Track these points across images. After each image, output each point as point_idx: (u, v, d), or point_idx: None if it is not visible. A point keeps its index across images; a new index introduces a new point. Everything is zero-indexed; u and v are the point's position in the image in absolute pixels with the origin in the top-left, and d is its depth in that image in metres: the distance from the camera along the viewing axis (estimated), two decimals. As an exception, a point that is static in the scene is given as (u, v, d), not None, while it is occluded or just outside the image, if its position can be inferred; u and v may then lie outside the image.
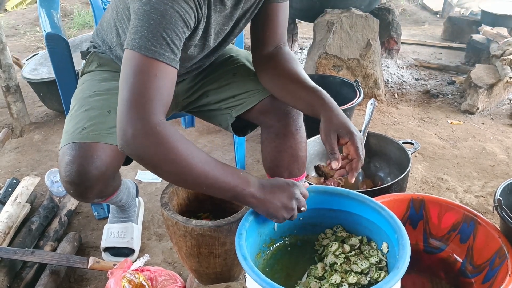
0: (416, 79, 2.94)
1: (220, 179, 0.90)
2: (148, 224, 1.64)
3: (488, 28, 3.09)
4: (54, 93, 2.27)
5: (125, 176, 1.89)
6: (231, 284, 1.17)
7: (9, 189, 1.68)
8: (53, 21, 1.42)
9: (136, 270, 1.17)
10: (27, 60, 2.50)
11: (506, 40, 2.76)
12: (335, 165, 1.01)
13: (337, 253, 1.00)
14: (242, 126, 1.29)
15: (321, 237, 1.07)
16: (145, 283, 1.16)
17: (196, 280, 1.27)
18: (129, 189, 1.48)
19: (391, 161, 1.74)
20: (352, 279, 0.93)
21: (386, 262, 0.98)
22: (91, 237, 1.59)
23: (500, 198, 1.19)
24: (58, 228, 1.57)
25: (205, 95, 1.27)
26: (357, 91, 2.03)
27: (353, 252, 1.01)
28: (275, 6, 1.14)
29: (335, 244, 1.02)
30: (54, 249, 1.46)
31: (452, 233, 1.26)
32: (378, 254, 0.99)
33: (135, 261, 1.19)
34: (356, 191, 1.06)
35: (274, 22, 1.16)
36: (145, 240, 1.58)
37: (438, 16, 4.42)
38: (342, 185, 1.66)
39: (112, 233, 1.48)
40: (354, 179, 1.04)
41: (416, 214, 1.28)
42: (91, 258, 1.36)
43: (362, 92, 2.01)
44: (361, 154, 1.02)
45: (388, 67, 3.00)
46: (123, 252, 1.48)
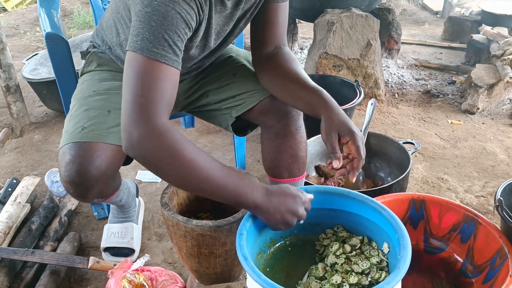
0: (417, 79, 2.94)
1: (224, 185, 0.90)
2: (148, 224, 1.64)
3: (489, 28, 3.09)
4: (54, 93, 2.27)
5: (125, 176, 1.89)
6: (232, 284, 1.17)
7: (9, 189, 1.68)
8: (53, 21, 1.41)
9: (136, 270, 1.17)
10: (27, 60, 2.50)
11: (506, 40, 2.76)
12: (336, 164, 1.01)
13: (338, 253, 1.00)
14: (242, 126, 1.29)
15: (322, 237, 1.07)
16: (145, 283, 1.16)
17: (197, 280, 1.26)
18: (129, 189, 1.48)
19: (391, 161, 1.74)
20: (353, 279, 0.93)
21: (387, 262, 0.98)
22: (91, 237, 1.59)
23: (501, 198, 1.19)
24: (58, 228, 1.57)
25: (205, 95, 1.27)
26: (358, 91, 2.03)
27: (354, 252, 1.01)
28: (275, 6, 1.13)
29: (336, 244, 1.02)
30: (54, 249, 1.46)
31: (452, 233, 1.25)
32: (379, 255, 0.99)
33: (135, 261, 1.18)
34: (356, 191, 1.06)
35: (274, 22, 1.16)
36: (145, 240, 1.57)
37: (438, 16, 4.41)
38: (343, 185, 1.66)
39: (112, 233, 1.48)
40: (355, 179, 1.04)
41: (417, 214, 1.28)
42: (91, 258, 1.36)
43: (362, 92, 2.01)
44: (362, 153, 1.01)
45: (389, 67, 3.00)
46: (123, 252, 1.48)
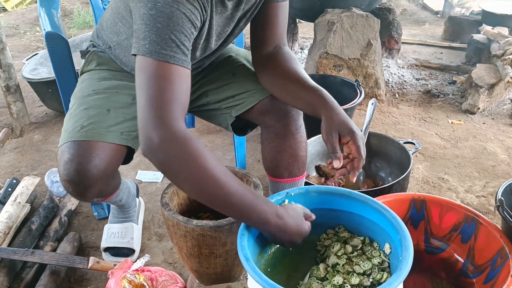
0: (417, 79, 2.93)
1: (238, 202, 0.88)
2: (149, 224, 1.64)
3: (489, 28, 3.09)
4: (54, 93, 2.27)
5: (125, 176, 1.89)
6: (232, 285, 1.16)
7: (9, 189, 1.68)
8: (53, 20, 1.41)
9: (137, 270, 1.17)
10: (27, 60, 2.49)
11: (507, 40, 2.76)
12: (336, 164, 1.00)
13: (339, 254, 1.00)
14: (242, 126, 1.29)
15: (323, 238, 1.07)
16: (145, 284, 1.15)
17: (197, 281, 1.26)
18: (129, 189, 1.48)
19: (392, 161, 1.74)
20: (355, 280, 0.93)
21: (388, 263, 0.97)
22: (91, 237, 1.59)
23: (502, 198, 1.19)
24: (58, 228, 1.56)
25: (205, 95, 1.27)
26: (358, 91, 2.02)
27: (355, 253, 1.00)
28: (275, 6, 1.13)
29: (337, 244, 1.02)
30: (54, 249, 1.46)
31: (453, 233, 1.25)
32: (380, 255, 0.98)
33: (136, 261, 1.18)
34: (357, 191, 1.05)
35: (274, 22, 1.16)
36: (145, 240, 1.57)
37: (439, 16, 4.41)
38: (343, 185, 1.66)
39: (112, 233, 1.48)
40: (355, 179, 1.03)
41: (417, 214, 1.28)
42: (91, 258, 1.35)
43: (362, 92, 2.01)
44: (362, 153, 1.01)
45: (389, 67, 3.00)
46: (123, 252, 1.48)
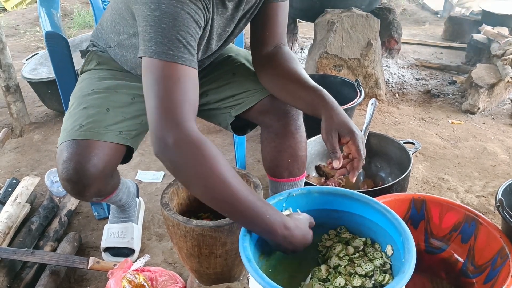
0: (417, 79, 2.93)
1: (246, 211, 0.86)
2: (149, 224, 1.64)
3: (489, 28, 3.09)
4: (54, 93, 2.27)
5: (125, 176, 1.89)
6: (232, 285, 1.16)
7: (9, 189, 1.68)
8: (53, 20, 1.41)
9: (137, 270, 1.17)
10: (27, 60, 2.49)
11: (507, 40, 2.76)
12: (336, 164, 1.00)
13: (341, 255, 0.99)
14: (242, 126, 1.29)
15: (324, 238, 1.06)
16: (145, 284, 1.15)
17: (197, 281, 1.26)
18: (129, 189, 1.48)
19: (392, 161, 1.74)
20: (357, 282, 0.92)
21: (390, 265, 0.97)
22: (91, 237, 1.59)
23: (502, 198, 1.19)
24: (58, 228, 1.56)
25: (205, 95, 1.27)
26: (358, 91, 2.02)
27: (357, 254, 0.99)
28: (274, 6, 1.13)
29: (339, 245, 1.01)
30: (54, 249, 1.46)
31: (453, 233, 1.25)
32: (382, 257, 0.97)
33: (135, 261, 1.18)
34: (357, 191, 1.05)
35: (274, 22, 1.16)
36: (145, 240, 1.57)
37: (439, 16, 4.41)
38: (343, 185, 1.65)
39: (112, 233, 1.48)
40: (355, 179, 1.03)
41: (417, 214, 1.28)
42: (91, 258, 1.35)
43: (362, 92, 2.01)
44: (362, 153, 1.01)
45: (389, 67, 3.00)
46: (123, 252, 1.48)
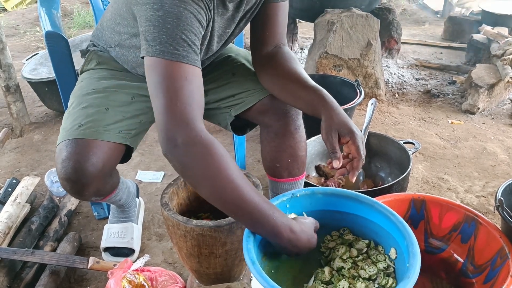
0: (417, 79, 2.93)
1: (252, 213, 0.86)
2: (148, 224, 1.64)
3: (489, 28, 3.09)
4: (54, 93, 2.27)
5: (125, 176, 1.88)
6: (232, 285, 1.16)
7: (9, 189, 1.68)
8: (53, 20, 1.41)
9: (136, 270, 1.17)
10: (27, 60, 2.49)
11: (506, 40, 2.76)
12: (336, 164, 1.00)
13: (345, 257, 0.98)
14: (242, 125, 1.29)
15: (327, 239, 1.05)
16: (145, 284, 1.15)
17: (197, 281, 1.26)
18: (129, 189, 1.48)
19: (391, 161, 1.74)
20: (360, 285, 0.92)
21: (394, 268, 0.96)
22: (91, 237, 1.59)
23: (502, 198, 1.19)
24: (58, 228, 1.56)
25: (205, 94, 1.26)
26: (358, 91, 2.02)
27: (361, 257, 0.99)
28: (274, 6, 1.13)
29: (342, 248, 1.00)
30: (54, 249, 1.46)
31: (453, 233, 1.25)
32: (385, 260, 0.97)
33: (135, 261, 1.18)
34: (357, 191, 1.05)
35: (274, 22, 1.16)
36: (145, 240, 1.57)
37: (439, 16, 4.42)
38: (343, 185, 1.66)
39: (112, 233, 1.48)
40: (355, 179, 1.03)
41: (417, 214, 1.28)
42: (91, 258, 1.35)
43: (362, 92, 2.01)
44: (362, 153, 1.01)
45: (389, 67, 3.00)
46: (123, 252, 1.48)
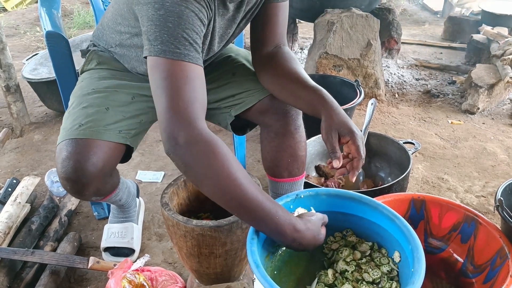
0: (417, 79, 2.93)
1: (256, 210, 0.85)
2: (149, 224, 1.64)
3: (489, 28, 3.09)
4: (54, 93, 2.27)
5: (125, 176, 1.89)
6: (232, 284, 1.16)
7: (9, 189, 1.68)
8: (54, 20, 1.41)
9: (137, 270, 1.17)
10: (27, 60, 2.49)
11: (506, 40, 2.76)
12: (336, 164, 1.00)
13: (348, 260, 0.98)
14: (242, 125, 1.29)
15: (330, 241, 1.05)
16: (145, 283, 1.15)
17: (197, 280, 1.26)
18: (129, 189, 1.48)
19: (391, 161, 1.74)
20: None
21: (397, 271, 0.95)
22: (91, 237, 1.59)
23: (501, 198, 1.19)
24: (58, 228, 1.56)
25: (205, 95, 1.27)
26: (358, 91, 2.03)
27: (364, 259, 0.98)
28: (275, 6, 1.13)
29: (346, 250, 1.00)
30: (54, 249, 1.46)
31: (453, 233, 1.25)
32: (389, 263, 0.96)
33: (135, 261, 1.18)
34: (357, 191, 1.05)
35: (274, 22, 1.16)
36: (145, 240, 1.57)
37: (439, 16, 4.42)
38: (343, 185, 1.66)
39: (112, 233, 1.48)
40: (355, 179, 1.03)
41: (417, 214, 1.28)
42: (91, 258, 1.35)
43: (362, 92, 2.01)
44: (362, 153, 1.01)
45: (389, 67, 3.00)
46: (123, 252, 1.48)
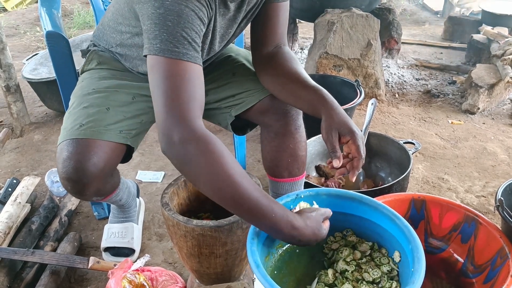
0: (417, 79, 2.93)
1: (254, 204, 0.85)
2: (149, 224, 1.64)
3: (489, 28, 3.09)
4: (54, 93, 2.27)
5: (125, 176, 1.89)
6: (232, 284, 1.16)
7: (9, 189, 1.68)
8: (54, 20, 1.41)
9: (137, 270, 1.17)
10: (27, 60, 2.49)
11: (506, 40, 2.76)
12: (336, 163, 1.00)
13: (348, 260, 0.98)
14: (242, 125, 1.29)
15: (330, 240, 1.05)
16: (145, 283, 1.15)
17: (197, 280, 1.26)
18: (129, 189, 1.48)
19: (392, 161, 1.74)
20: None
21: (397, 271, 0.96)
22: (92, 237, 1.59)
23: (502, 198, 1.19)
24: (58, 228, 1.56)
25: (205, 94, 1.26)
26: (358, 91, 2.02)
27: (364, 259, 0.98)
28: (275, 6, 1.13)
29: (346, 250, 1.00)
30: (54, 249, 1.46)
31: (453, 233, 1.25)
32: (389, 263, 0.96)
33: (136, 261, 1.18)
34: (357, 191, 1.05)
35: (274, 22, 1.16)
36: (145, 240, 1.57)
37: (439, 16, 4.42)
38: (343, 185, 1.66)
39: (113, 233, 1.48)
40: (355, 178, 1.03)
41: (417, 214, 1.28)
42: (92, 258, 1.35)
43: (362, 92, 2.01)
44: (362, 152, 1.01)
45: (389, 67, 3.00)
46: (124, 252, 1.48)
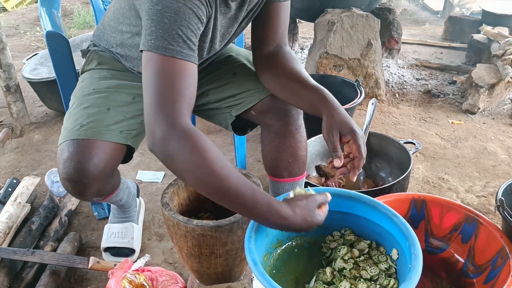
0: (417, 79, 2.93)
1: (239, 197, 0.86)
2: (149, 224, 1.64)
3: (489, 28, 3.09)
4: (54, 93, 2.27)
5: (125, 176, 1.89)
6: (232, 285, 1.16)
7: (9, 189, 1.68)
8: (54, 20, 1.41)
9: (137, 270, 1.17)
10: (27, 60, 2.49)
11: (507, 40, 2.76)
12: (337, 163, 1.00)
13: (346, 258, 0.98)
14: (242, 125, 1.29)
15: (329, 240, 1.05)
16: (145, 284, 1.15)
17: (197, 281, 1.26)
18: (130, 189, 1.48)
19: (392, 161, 1.74)
20: (362, 286, 0.92)
21: (395, 269, 0.96)
22: (92, 237, 1.59)
23: (502, 198, 1.19)
24: (59, 228, 1.56)
25: (205, 94, 1.27)
26: (358, 91, 2.02)
27: (362, 257, 0.99)
28: (276, 6, 1.13)
29: (344, 248, 1.00)
30: (54, 249, 1.46)
31: (453, 233, 1.25)
32: (387, 260, 0.97)
33: (136, 261, 1.18)
34: (358, 191, 1.05)
35: (275, 22, 1.16)
36: (145, 240, 1.57)
37: (439, 16, 4.42)
38: (343, 185, 1.65)
39: (113, 233, 1.48)
40: (356, 178, 1.03)
41: (418, 214, 1.28)
42: (92, 258, 1.35)
43: (363, 92, 2.01)
44: (363, 152, 1.01)
45: (389, 67, 3.00)
46: (124, 252, 1.48)
